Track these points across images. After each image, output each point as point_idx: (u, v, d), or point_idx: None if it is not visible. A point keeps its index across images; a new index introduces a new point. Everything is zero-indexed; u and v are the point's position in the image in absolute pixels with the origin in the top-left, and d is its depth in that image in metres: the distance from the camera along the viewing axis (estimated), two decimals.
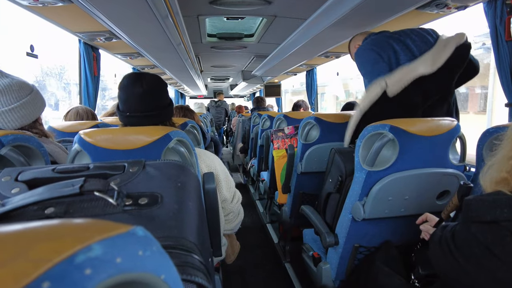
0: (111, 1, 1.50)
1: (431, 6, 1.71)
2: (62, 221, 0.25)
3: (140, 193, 0.51)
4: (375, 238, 1.34)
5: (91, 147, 1.01)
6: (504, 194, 0.65)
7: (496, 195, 0.66)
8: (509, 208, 0.63)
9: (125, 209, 0.47)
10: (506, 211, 0.63)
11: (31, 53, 1.92)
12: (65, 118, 2.00)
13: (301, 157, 2.03)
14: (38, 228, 0.23)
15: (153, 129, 1.04)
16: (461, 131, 1.25)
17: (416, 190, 1.22)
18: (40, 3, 1.50)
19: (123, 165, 0.58)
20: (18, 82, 1.13)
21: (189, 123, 1.80)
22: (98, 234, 0.24)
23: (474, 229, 0.67)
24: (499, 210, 0.64)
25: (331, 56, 3.31)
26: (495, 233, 0.64)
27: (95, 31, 2.14)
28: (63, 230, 0.24)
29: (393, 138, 1.15)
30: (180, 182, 0.55)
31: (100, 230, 0.25)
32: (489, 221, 0.65)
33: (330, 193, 1.47)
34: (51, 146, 1.20)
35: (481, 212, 0.66)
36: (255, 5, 2.42)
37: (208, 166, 1.25)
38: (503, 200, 0.64)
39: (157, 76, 1.18)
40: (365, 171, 1.19)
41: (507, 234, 0.62)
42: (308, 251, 1.67)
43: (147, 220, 0.46)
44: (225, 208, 1.32)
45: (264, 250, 2.73)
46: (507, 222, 0.62)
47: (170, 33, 2.13)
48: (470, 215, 0.69)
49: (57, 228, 0.24)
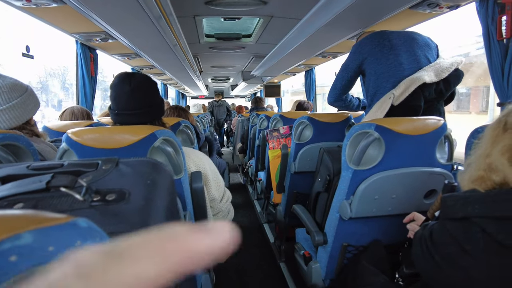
0: (103, 2, 1.51)
1: (423, 5, 1.71)
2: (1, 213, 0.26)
3: (109, 189, 0.52)
4: (364, 237, 1.35)
5: (78, 146, 1.02)
6: (476, 192, 0.66)
7: (471, 192, 0.67)
8: (481, 204, 0.63)
9: (92, 205, 0.48)
10: (477, 207, 0.63)
11: (27, 54, 1.94)
12: (60, 118, 2.02)
13: (294, 156, 2.04)
14: None
15: (139, 128, 1.05)
16: (448, 130, 1.25)
17: (403, 189, 1.22)
18: (33, 4, 1.51)
19: (96, 163, 0.60)
20: (9, 84, 1.14)
21: (183, 123, 1.81)
22: (32, 223, 0.25)
23: (448, 225, 0.68)
24: (471, 206, 0.64)
25: (328, 56, 3.31)
26: (467, 230, 0.64)
27: (91, 32, 2.16)
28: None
29: (378, 137, 1.15)
30: (150, 179, 0.56)
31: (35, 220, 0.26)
32: (461, 218, 0.66)
33: (319, 192, 1.48)
34: (42, 145, 1.21)
35: (455, 209, 0.67)
36: (251, 5, 2.43)
37: (197, 165, 1.26)
38: (476, 197, 0.65)
39: (146, 76, 1.20)
40: (351, 170, 1.20)
41: (478, 230, 0.62)
42: (299, 250, 1.68)
43: (111, 215, 0.47)
44: (213, 208, 1.33)
45: (261, 250, 2.74)
46: (478, 218, 0.63)
47: (165, 34, 2.14)
48: (445, 211, 0.70)
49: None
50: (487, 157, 0.68)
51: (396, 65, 1.60)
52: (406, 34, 1.66)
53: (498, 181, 0.65)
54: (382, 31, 1.70)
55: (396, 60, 1.60)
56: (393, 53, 1.61)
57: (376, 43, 1.65)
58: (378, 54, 1.64)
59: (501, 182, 0.65)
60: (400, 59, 1.60)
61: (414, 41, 1.63)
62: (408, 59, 1.60)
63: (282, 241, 2.44)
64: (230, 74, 6.70)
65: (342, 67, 1.79)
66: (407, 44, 1.62)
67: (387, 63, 1.61)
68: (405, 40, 1.64)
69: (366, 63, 1.70)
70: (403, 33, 1.67)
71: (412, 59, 1.60)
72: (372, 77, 1.67)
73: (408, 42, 1.63)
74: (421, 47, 1.63)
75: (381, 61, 1.63)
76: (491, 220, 0.61)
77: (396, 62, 1.60)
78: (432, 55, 1.65)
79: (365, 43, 1.69)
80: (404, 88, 1.51)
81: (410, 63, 1.60)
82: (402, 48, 1.62)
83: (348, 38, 2.40)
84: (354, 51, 1.73)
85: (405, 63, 1.60)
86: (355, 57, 1.72)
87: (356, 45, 1.73)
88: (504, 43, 1.55)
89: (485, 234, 0.62)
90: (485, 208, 0.62)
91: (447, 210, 0.69)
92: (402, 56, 1.61)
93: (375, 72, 1.65)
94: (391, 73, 1.60)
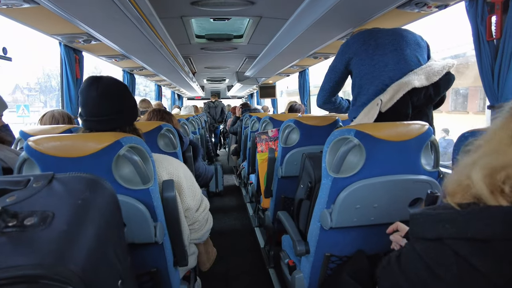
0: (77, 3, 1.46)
1: (411, 5, 1.66)
2: None
3: (32, 211, 0.47)
4: (347, 247, 1.29)
5: (39, 155, 0.97)
6: (449, 208, 0.59)
7: (444, 208, 0.60)
8: (453, 223, 0.56)
9: (3, 231, 0.43)
10: (448, 227, 0.56)
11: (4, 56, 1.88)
12: (40, 122, 1.96)
13: (281, 160, 1.98)
14: None
15: (103, 136, 1.00)
16: (433, 135, 1.20)
17: (385, 198, 1.17)
18: (3, 4, 1.46)
19: (28, 179, 0.54)
20: None
21: (164, 127, 1.76)
22: None
23: (418, 247, 0.61)
24: (442, 225, 0.57)
25: (319, 57, 3.26)
26: (439, 252, 0.57)
27: (72, 33, 2.10)
28: None
29: (358, 143, 1.10)
30: (82, 199, 0.51)
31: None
32: (432, 238, 0.59)
33: (302, 199, 1.42)
34: (5, 152, 1.16)
35: (426, 228, 0.60)
36: (238, 5, 2.38)
37: (169, 173, 1.20)
38: (448, 214, 0.58)
39: (115, 80, 1.14)
40: (331, 177, 1.14)
41: (451, 253, 0.56)
42: (284, 259, 1.62)
43: (24, 244, 0.42)
44: (188, 217, 1.27)
45: (253, 254, 2.69)
46: (450, 240, 0.56)
47: (148, 35, 2.09)
48: (414, 230, 0.63)
49: None
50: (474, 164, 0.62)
51: (381, 66, 1.53)
52: (394, 32, 1.59)
53: (474, 192, 0.59)
54: (369, 29, 1.64)
55: (381, 60, 1.53)
56: (378, 53, 1.54)
57: (362, 42, 1.59)
58: (363, 54, 1.57)
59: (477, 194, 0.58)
60: (385, 59, 1.53)
61: (403, 40, 1.56)
62: (394, 59, 1.53)
63: (271, 246, 2.38)
64: (225, 75, 6.65)
65: (330, 68, 1.73)
66: (395, 43, 1.55)
67: (371, 63, 1.55)
68: (393, 38, 1.56)
69: (352, 63, 1.64)
70: (391, 31, 1.60)
71: (400, 59, 1.52)
72: (357, 78, 1.61)
73: (396, 41, 1.55)
74: (411, 46, 1.56)
75: (365, 61, 1.56)
76: (465, 242, 0.55)
77: (381, 62, 1.53)
78: (422, 55, 1.58)
79: (351, 42, 1.62)
80: (392, 94, 1.44)
81: (397, 63, 1.52)
82: (389, 47, 1.55)
83: (338, 39, 2.35)
84: (340, 51, 1.67)
85: (391, 63, 1.52)
86: (341, 57, 1.66)
87: (343, 45, 1.67)
88: (494, 44, 1.50)
89: (459, 257, 0.55)
90: (457, 228, 0.56)
91: (417, 229, 0.61)
92: (388, 55, 1.54)
93: (359, 73, 1.59)
94: (375, 74, 1.53)
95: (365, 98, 1.56)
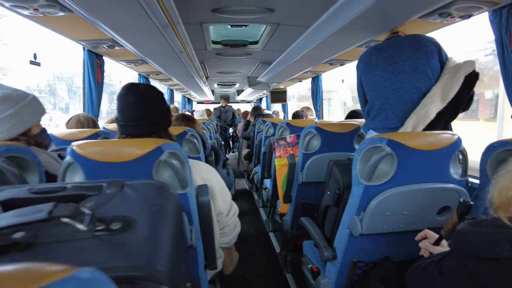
0: (111, 11, 1.50)
1: (434, 15, 1.68)
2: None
3: (114, 216, 0.50)
4: (374, 253, 1.31)
5: (83, 160, 1.00)
6: (503, 227, 0.59)
7: (494, 226, 0.60)
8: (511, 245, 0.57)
9: (95, 235, 0.46)
10: (507, 249, 0.57)
11: (34, 61, 1.94)
12: (66, 126, 2.02)
13: (302, 166, 2.00)
14: None
15: (145, 142, 1.03)
16: (462, 145, 1.21)
17: (415, 205, 1.18)
18: (40, 13, 1.51)
19: (100, 186, 0.57)
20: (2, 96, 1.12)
21: (189, 132, 1.79)
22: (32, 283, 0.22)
23: (469, 264, 0.61)
24: (500, 247, 0.57)
25: (335, 64, 3.28)
26: (494, 270, 0.58)
27: (97, 39, 2.15)
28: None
29: (391, 152, 1.12)
30: (156, 204, 0.54)
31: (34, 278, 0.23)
32: (487, 258, 0.60)
33: (328, 206, 1.44)
34: (43, 156, 1.19)
35: (479, 248, 0.60)
36: (258, 13, 2.42)
37: (203, 178, 1.23)
38: (504, 235, 0.58)
39: (151, 86, 1.18)
40: (363, 185, 1.16)
41: (507, 272, 0.57)
42: (307, 264, 1.64)
43: (116, 247, 0.45)
44: (220, 222, 1.30)
45: (267, 259, 2.70)
46: (508, 261, 0.57)
47: (171, 41, 2.13)
48: (465, 248, 0.63)
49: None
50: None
51: (382, 81, 1.58)
52: (395, 43, 1.62)
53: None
54: (373, 46, 1.70)
55: (382, 75, 1.59)
56: (379, 68, 1.60)
57: (365, 61, 1.67)
58: (367, 72, 1.65)
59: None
60: (385, 74, 1.58)
61: (404, 49, 1.57)
62: (395, 71, 1.56)
63: (288, 251, 2.40)
64: (236, 80, 6.70)
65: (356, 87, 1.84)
66: (395, 55, 1.58)
67: (374, 79, 1.62)
68: (394, 51, 1.59)
69: (362, 82, 1.73)
70: (392, 44, 1.63)
71: (401, 71, 1.56)
72: (367, 94, 1.71)
73: (397, 53, 1.58)
74: (414, 54, 1.56)
75: (369, 79, 1.64)
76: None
77: (382, 77, 1.58)
78: (429, 61, 1.56)
79: (358, 63, 1.74)
80: (412, 127, 1.47)
81: (397, 75, 1.56)
82: (389, 60, 1.58)
83: (357, 46, 2.37)
84: (356, 71, 1.78)
85: (391, 77, 1.56)
86: (357, 78, 1.77)
87: (356, 66, 1.79)
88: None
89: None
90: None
91: (469, 248, 0.62)
92: (388, 70, 1.58)
93: (367, 89, 1.68)
94: (379, 89, 1.60)
95: (373, 113, 1.65)
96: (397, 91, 1.56)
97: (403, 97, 1.55)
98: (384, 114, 1.61)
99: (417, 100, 1.52)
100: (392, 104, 1.58)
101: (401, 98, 1.55)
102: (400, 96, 1.56)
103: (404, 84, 1.54)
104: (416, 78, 1.53)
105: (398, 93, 1.56)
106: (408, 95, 1.54)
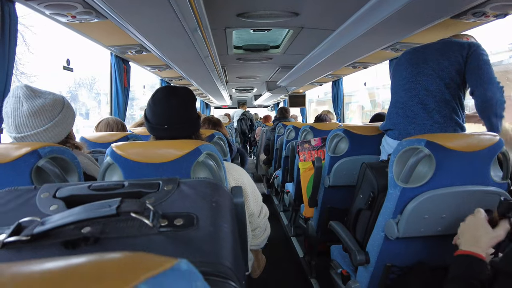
0: (144, 16, 1.54)
1: (468, 14, 1.64)
2: (105, 259, 0.24)
3: (176, 213, 0.50)
4: (409, 257, 1.28)
5: (123, 160, 1.02)
6: None
7: None
8: None
9: (160, 230, 0.46)
10: None
11: (67, 67, 2.00)
12: (96, 129, 2.06)
13: (329, 170, 1.98)
14: (82, 267, 0.22)
15: (183, 143, 1.04)
16: (504, 147, 1.18)
17: (454, 208, 1.15)
18: (77, 20, 1.56)
19: (157, 183, 0.58)
20: (51, 102, 1.15)
21: (216, 135, 1.81)
22: (143, 272, 0.23)
23: None
24: None
25: (358, 67, 3.26)
26: None
27: (126, 45, 2.21)
28: (108, 269, 0.23)
29: (429, 153, 1.09)
30: (214, 201, 0.54)
31: (144, 267, 0.24)
32: None
33: (361, 209, 1.42)
34: (81, 157, 1.22)
35: None
36: (282, 17, 2.42)
37: (236, 179, 1.23)
38: None
39: (189, 90, 1.19)
40: (400, 187, 1.14)
41: None
42: (336, 268, 1.61)
43: (182, 243, 0.45)
44: (252, 223, 1.30)
45: (289, 264, 2.67)
46: None
47: (198, 46, 2.16)
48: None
49: (100, 266, 0.23)
50: None
51: (399, 80, 1.65)
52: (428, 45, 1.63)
53: None
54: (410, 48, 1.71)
55: (402, 75, 1.64)
56: (403, 68, 1.65)
57: (397, 60, 1.76)
58: (394, 71, 1.76)
59: None
60: (405, 74, 1.62)
61: (431, 52, 1.57)
62: (414, 72, 1.59)
63: (313, 256, 2.37)
64: (254, 84, 6.73)
65: None
66: (420, 57, 1.59)
67: (395, 78, 1.70)
68: (421, 53, 1.61)
69: (391, 80, 1.83)
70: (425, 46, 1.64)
71: (419, 71, 1.57)
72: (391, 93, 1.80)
73: (424, 54, 1.59)
74: (437, 58, 1.54)
75: (394, 77, 1.73)
76: None
77: (401, 76, 1.64)
78: (449, 66, 1.51)
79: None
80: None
81: (416, 75, 1.58)
82: (413, 61, 1.61)
83: (383, 49, 2.35)
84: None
85: (409, 77, 1.60)
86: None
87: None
88: None
89: None
90: None
91: None
92: (408, 70, 1.61)
93: (390, 88, 1.78)
94: (395, 88, 1.69)
95: (388, 111, 1.74)
96: (409, 91, 1.59)
97: (414, 97, 1.58)
98: (395, 112, 1.65)
99: (426, 103, 1.54)
100: (403, 103, 1.61)
101: (411, 99, 1.59)
102: (411, 97, 1.59)
103: (417, 85, 1.57)
104: (430, 82, 1.54)
105: (410, 93, 1.59)
106: (419, 96, 1.56)
